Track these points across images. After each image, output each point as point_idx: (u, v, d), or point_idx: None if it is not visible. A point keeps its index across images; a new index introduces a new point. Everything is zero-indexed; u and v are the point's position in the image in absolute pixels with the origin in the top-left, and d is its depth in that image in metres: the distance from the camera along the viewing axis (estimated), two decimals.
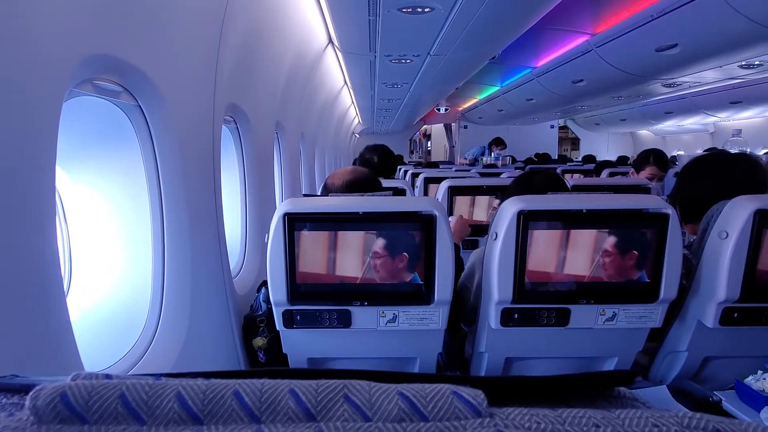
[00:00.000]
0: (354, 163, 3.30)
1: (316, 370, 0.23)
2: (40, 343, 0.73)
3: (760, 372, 1.09)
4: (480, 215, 2.20)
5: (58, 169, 1.15)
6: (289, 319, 1.14)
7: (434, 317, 1.13)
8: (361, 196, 1.19)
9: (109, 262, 1.20)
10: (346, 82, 4.70)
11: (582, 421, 0.20)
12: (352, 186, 1.44)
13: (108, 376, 0.21)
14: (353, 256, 1.07)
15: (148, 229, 1.21)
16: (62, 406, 0.20)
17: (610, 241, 1.10)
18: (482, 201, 2.21)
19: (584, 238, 1.10)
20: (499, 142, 6.75)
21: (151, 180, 1.19)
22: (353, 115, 7.53)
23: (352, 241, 1.06)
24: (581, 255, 1.11)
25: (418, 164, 7.67)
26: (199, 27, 1.34)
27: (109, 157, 1.18)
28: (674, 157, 5.57)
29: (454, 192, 2.19)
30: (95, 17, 0.86)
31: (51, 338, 0.75)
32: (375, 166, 2.45)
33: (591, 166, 4.25)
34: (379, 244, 1.06)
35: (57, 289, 0.76)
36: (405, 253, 1.06)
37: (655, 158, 2.79)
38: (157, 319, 1.20)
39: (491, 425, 0.20)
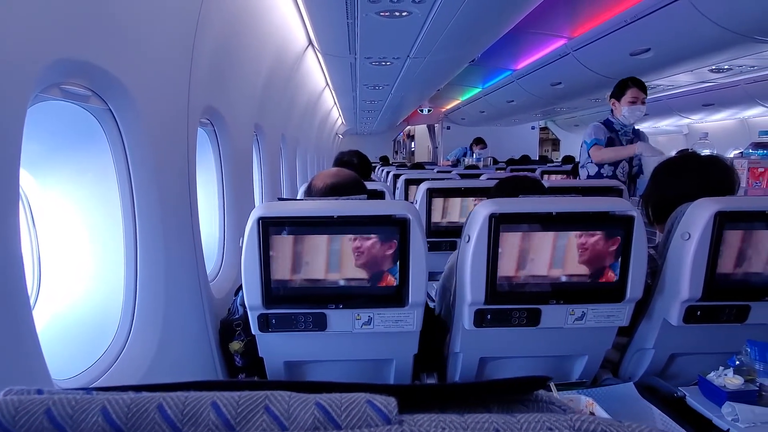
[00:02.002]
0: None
1: (243, 382, 0.24)
2: (3, 352, 0.71)
3: (721, 368, 1.13)
4: (460, 217, 2.22)
5: (27, 175, 1.13)
6: (265, 323, 1.14)
7: (409, 319, 1.15)
8: (336, 199, 1.20)
9: (81, 268, 1.18)
10: (327, 84, 4.69)
11: (484, 426, 0.22)
12: (333, 190, 1.40)
13: (39, 392, 0.22)
14: (328, 260, 1.08)
15: (121, 233, 1.19)
16: None
17: (578, 242, 1.13)
18: (462, 203, 2.23)
19: (553, 240, 1.13)
20: (479, 142, 6.82)
21: (123, 184, 1.18)
22: (336, 116, 7.52)
23: (326, 244, 1.07)
24: (551, 256, 1.13)
25: (401, 165, 7.68)
26: (171, 28, 1.32)
27: (80, 162, 1.16)
28: None
29: (432, 194, 2.21)
30: (61, 20, 0.84)
31: (15, 346, 0.74)
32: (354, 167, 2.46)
33: (569, 166, 4.32)
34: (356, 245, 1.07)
35: (21, 296, 0.75)
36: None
37: (633, 81, 2.70)
38: (129, 325, 1.19)
39: (398, 431, 0.21)
